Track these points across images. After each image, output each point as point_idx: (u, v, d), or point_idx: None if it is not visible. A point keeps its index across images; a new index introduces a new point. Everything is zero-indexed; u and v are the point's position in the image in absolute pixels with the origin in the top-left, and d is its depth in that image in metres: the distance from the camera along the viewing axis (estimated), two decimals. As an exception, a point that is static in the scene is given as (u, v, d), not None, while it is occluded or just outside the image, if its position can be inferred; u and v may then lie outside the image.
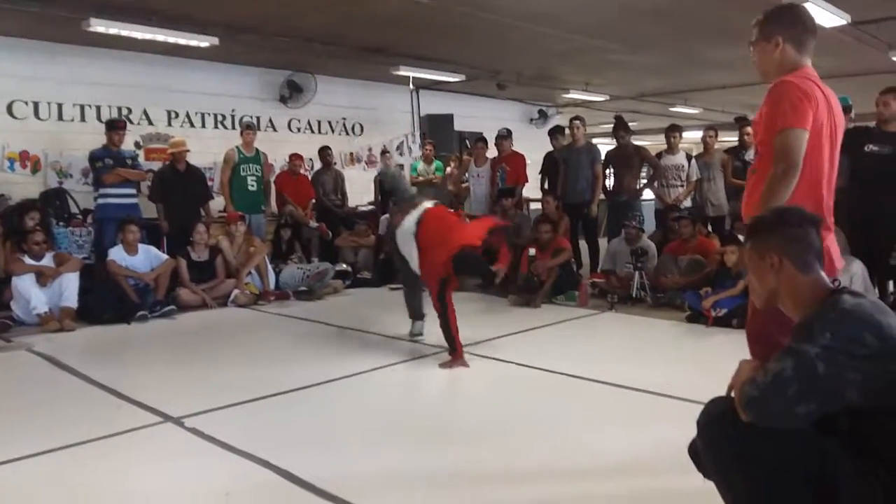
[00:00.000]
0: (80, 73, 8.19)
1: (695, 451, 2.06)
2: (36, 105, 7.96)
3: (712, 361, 2.82)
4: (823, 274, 1.86)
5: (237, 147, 8.07)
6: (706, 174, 7.72)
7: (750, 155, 7.09)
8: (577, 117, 8.22)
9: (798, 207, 1.97)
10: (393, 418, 3.62)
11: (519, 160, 8.41)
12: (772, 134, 2.37)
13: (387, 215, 9.06)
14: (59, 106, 8.12)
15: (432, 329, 5.70)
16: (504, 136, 8.50)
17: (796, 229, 1.87)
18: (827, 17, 6.52)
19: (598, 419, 3.48)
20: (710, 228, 7.45)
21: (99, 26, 6.61)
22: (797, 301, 1.85)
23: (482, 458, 2.99)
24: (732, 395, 1.92)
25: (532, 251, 6.74)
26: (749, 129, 7.39)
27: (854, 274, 4.90)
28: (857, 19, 7.08)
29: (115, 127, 7.26)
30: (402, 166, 10.48)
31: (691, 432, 2.09)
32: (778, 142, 2.34)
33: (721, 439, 1.79)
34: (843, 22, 6.78)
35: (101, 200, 7.15)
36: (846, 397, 1.63)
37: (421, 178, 9.57)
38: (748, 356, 2.56)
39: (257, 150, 8.19)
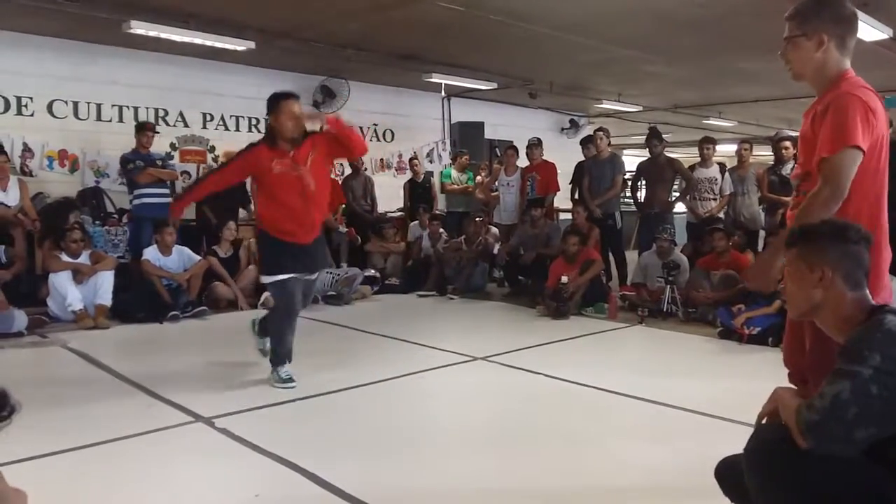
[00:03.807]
0: (119, 75, 8.34)
1: (721, 474, 2.02)
2: (76, 105, 8.12)
3: (746, 379, 2.79)
4: (868, 292, 1.82)
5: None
6: (740, 188, 7.63)
7: (787, 170, 6.98)
8: (600, 128, 8.18)
9: (857, 224, 1.91)
10: (420, 426, 3.62)
11: (550, 169, 8.40)
12: (829, 150, 2.19)
13: (416, 222, 9.12)
14: (98, 106, 8.27)
15: (460, 338, 5.71)
16: (535, 145, 8.49)
17: (854, 246, 1.81)
18: (868, 31, 6.40)
19: (626, 433, 3.44)
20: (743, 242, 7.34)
21: (139, 28, 6.72)
22: (839, 318, 1.81)
23: (508, 468, 2.97)
24: (764, 417, 1.88)
25: (565, 278, 6.66)
26: (787, 144, 7.28)
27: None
28: (900, 33, 6.95)
29: (144, 129, 7.36)
30: (431, 173, 10.51)
31: (720, 450, 2.06)
32: (833, 161, 2.17)
33: (774, 467, 1.72)
34: (885, 36, 6.66)
35: (136, 201, 7.27)
36: (896, 422, 1.59)
37: (456, 186, 9.60)
38: (783, 375, 2.52)
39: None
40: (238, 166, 4.13)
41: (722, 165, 7.97)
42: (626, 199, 9.60)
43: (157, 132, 7.74)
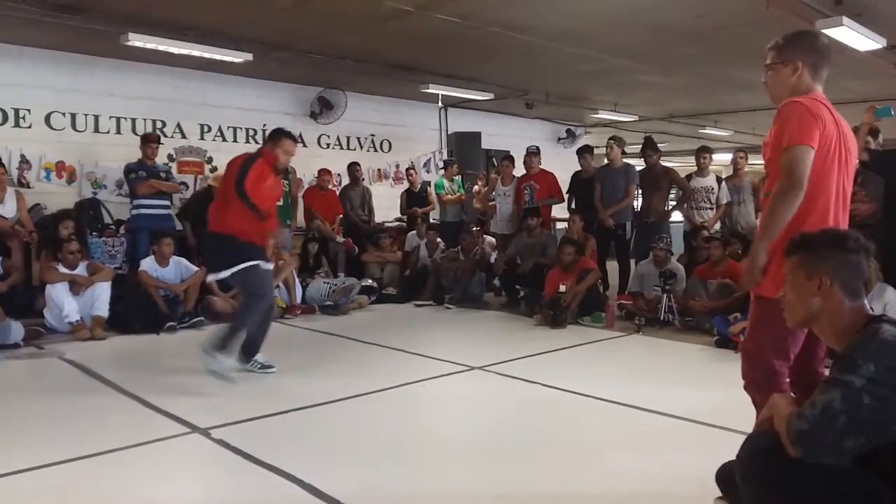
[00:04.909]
0: (117, 87, 8.36)
1: (723, 478, 2.02)
2: (73, 117, 8.13)
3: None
4: (866, 302, 1.82)
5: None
6: (736, 197, 7.66)
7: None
8: (612, 137, 8.17)
9: (856, 233, 1.93)
10: (417, 435, 3.62)
11: (549, 177, 8.41)
12: (779, 152, 2.39)
13: (413, 232, 9.13)
14: (96, 118, 8.29)
15: (457, 348, 5.71)
16: (533, 153, 8.50)
17: (853, 255, 1.83)
18: (862, 41, 6.45)
19: (623, 442, 3.43)
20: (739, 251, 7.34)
21: (137, 41, 6.75)
22: (837, 327, 1.81)
23: (505, 477, 2.97)
24: (762, 427, 1.88)
25: (563, 287, 6.67)
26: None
27: (888, 302, 4.79)
28: (894, 43, 6.99)
29: (150, 141, 7.43)
30: (428, 183, 10.53)
31: (717, 458, 2.06)
32: (784, 159, 2.35)
33: (765, 476, 1.73)
34: (879, 46, 6.70)
35: (135, 211, 7.30)
36: (890, 431, 1.59)
37: (449, 196, 9.61)
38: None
39: (285, 164, 8.30)
40: (261, 169, 4.52)
41: (718, 175, 8.00)
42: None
43: (161, 143, 7.78)
